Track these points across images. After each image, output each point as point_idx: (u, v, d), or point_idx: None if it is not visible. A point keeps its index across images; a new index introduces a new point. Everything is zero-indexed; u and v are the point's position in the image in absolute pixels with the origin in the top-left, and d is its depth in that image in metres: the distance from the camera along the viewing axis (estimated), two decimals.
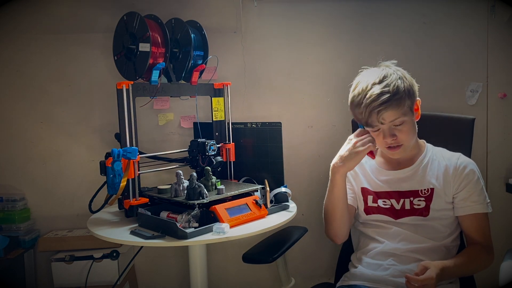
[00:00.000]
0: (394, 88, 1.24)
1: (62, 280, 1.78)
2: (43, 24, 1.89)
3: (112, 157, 1.39)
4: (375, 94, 1.23)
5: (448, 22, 1.90)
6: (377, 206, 1.38)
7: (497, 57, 1.88)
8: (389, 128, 1.27)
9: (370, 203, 1.39)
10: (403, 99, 1.25)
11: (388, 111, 1.24)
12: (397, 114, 1.25)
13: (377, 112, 1.24)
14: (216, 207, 1.35)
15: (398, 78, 1.26)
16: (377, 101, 1.23)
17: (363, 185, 1.42)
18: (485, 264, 1.32)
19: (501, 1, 1.85)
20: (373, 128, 1.29)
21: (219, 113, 1.75)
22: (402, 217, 1.34)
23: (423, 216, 1.32)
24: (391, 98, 1.23)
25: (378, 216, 1.38)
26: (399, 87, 1.24)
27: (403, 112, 1.25)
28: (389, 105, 1.23)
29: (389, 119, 1.25)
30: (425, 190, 1.33)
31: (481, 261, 1.31)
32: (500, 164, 1.91)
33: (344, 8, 1.91)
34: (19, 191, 1.93)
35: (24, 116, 1.93)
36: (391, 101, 1.23)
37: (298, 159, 1.94)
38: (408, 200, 1.34)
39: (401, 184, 1.36)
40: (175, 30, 1.64)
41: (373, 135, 1.31)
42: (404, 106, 1.25)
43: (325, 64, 1.94)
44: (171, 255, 2.00)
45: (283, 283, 1.64)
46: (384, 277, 1.29)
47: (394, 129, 1.27)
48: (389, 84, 1.24)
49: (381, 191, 1.38)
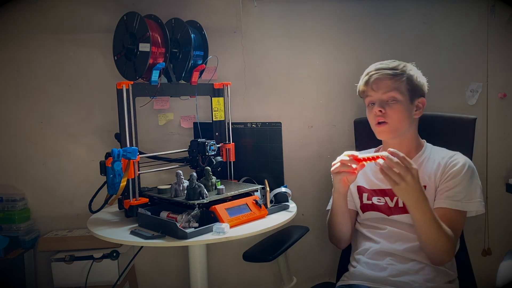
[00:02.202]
0: (397, 65, 1.36)
1: (62, 280, 1.78)
2: (43, 24, 1.89)
3: (112, 157, 1.39)
4: (378, 64, 1.39)
5: (448, 22, 1.90)
6: (371, 203, 1.40)
7: (497, 57, 1.88)
8: (380, 100, 1.34)
9: (365, 201, 1.42)
10: (401, 78, 1.34)
11: (383, 78, 1.34)
12: (390, 85, 1.33)
13: (373, 75, 1.35)
14: (216, 207, 1.36)
15: (407, 64, 1.38)
16: (377, 67, 1.38)
17: (359, 184, 1.44)
18: (447, 246, 1.24)
19: (501, 1, 1.85)
20: (367, 97, 1.38)
21: (219, 113, 1.75)
22: (395, 214, 1.35)
23: None
24: (390, 70, 1.34)
25: (372, 213, 1.40)
26: (401, 67, 1.36)
27: (397, 88, 1.33)
28: (385, 73, 1.34)
29: (382, 89, 1.34)
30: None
31: (448, 238, 1.23)
32: (500, 164, 1.91)
33: (344, 8, 1.91)
34: (19, 191, 1.93)
35: (24, 116, 1.93)
36: (388, 70, 1.35)
37: (298, 159, 1.94)
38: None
39: None
40: (175, 30, 1.64)
41: (368, 111, 1.39)
42: (401, 85, 1.33)
43: (325, 64, 1.94)
44: (171, 255, 2.00)
45: (284, 282, 1.64)
46: (383, 277, 1.29)
47: (386, 104, 1.34)
48: (391, 63, 1.38)
49: (376, 189, 1.41)
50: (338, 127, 1.93)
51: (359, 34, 1.92)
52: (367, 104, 1.40)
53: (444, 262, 1.29)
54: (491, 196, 1.89)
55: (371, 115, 1.38)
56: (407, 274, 1.28)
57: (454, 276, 1.35)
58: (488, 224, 1.90)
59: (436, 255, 1.27)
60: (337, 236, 1.47)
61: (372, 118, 1.38)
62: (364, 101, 1.43)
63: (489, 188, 1.89)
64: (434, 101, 1.50)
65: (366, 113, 1.46)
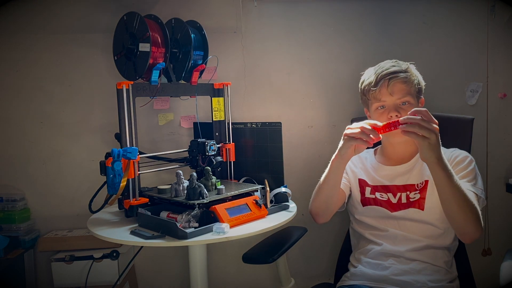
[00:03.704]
0: (406, 67, 1.36)
1: (62, 280, 1.78)
2: (43, 24, 1.89)
3: (112, 157, 1.39)
4: (389, 65, 1.36)
5: (448, 22, 1.90)
6: (374, 197, 1.40)
7: (497, 57, 1.88)
8: (394, 104, 1.33)
9: (367, 194, 1.42)
10: (413, 80, 1.34)
11: (398, 83, 1.32)
12: (405, 90, 1.32)
13: (388, 80, 1.31)
14: (216, 207, 1.35)
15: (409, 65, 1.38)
16: (390, 70, 1.34)
17: (360, 177, 1.45)
18: (476, 214, 1.20)
19: (501, 1, 1.85)
20: (379, 102, 1.34)
21: (219, 113, 1.75)
22: (399, 210, 1.35)
23: (420, 209, 1.33)
24: (403, 73, 1.33)
25: (375, 208, 1.39)
26: (410, 69, 1.37)
27: (410, 92, 1.33)
28: (400, 77, 1.32)
29: (398, 93, 1.32)
30: (420, 183, 1.36)
31: (474, 206, 1.20)
32: (500, 164, 1.91)
33: (344, 8, 1.91)
34: (19, 191, 1.93)
35: (24, 116, 1.93)
36: (402, 74, 1.33)
37: (298, 159, 1.94)
38: (404, 194, 1.36)
39: (399, 178, 1.39)
40: (175, 30, 1.64)
41: (377, 115, 1.35)
42: (412, 87, 1.33)
43: (325, 64, 1.94)
44: (171, 255, 2.00)
45: (282, 283, 1.64)
46: (385, 276, 1.29)
47: (399, 107, 1.32)
48: (401, 64, 1.37)
49: (379, 185, 1.41)
50: (338, 127, 1.93)
51: (359, 34, 1.92)
52: (376, 108, 1.37)
53: (477, 233, 1.22)
54: (491, 196, 1.89)
55: (382, 118, 1.34)
56: (409, 273, 1.28)
57: (455, 275, 1.35)
58: (488, 224, 1.90)
59: (469, 224, 1.20)
60: (320, 207, 1.43)
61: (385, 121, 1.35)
62: (368, 102, 1.40)
63: (489, 188, 1.89)
64: (434, 101, 1.50)
65: (364, 113, 1.46)
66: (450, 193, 1.18)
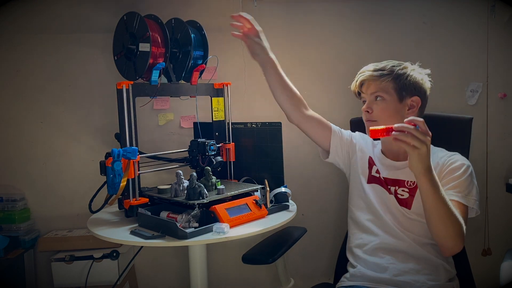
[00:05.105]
0: (382, 66, 1.39)
1: (62, 280, 1.78)
2: (43, 24, 1.90)
3: (112, 157, 1.39)
4: (370, 65, 1.42)
5: (448, 22, 1.90)
6: (379, 176, 1.43)
7: (497, 57, 1.88)
8: (369, 100, 1.39)
9: (373, 173, 1.44)
10: (387, 78, 1.37)
11: (368, 81, 1.39)
12: (375, 87, 1.37)
13: (359, 78, 1.41)
14: (216, 207, 1.35)
15: (397, 64, 1.39)
16: (363, 71, 1.42)
17: (371, 155, 1.48)
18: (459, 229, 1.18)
19: (501, 1, 1.85)
20: (360, 98, 1.44)
21: (219, 113, 1.75)
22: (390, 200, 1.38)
23: (407, 208, 1.34)
24: (375, 72, 1.38)
25: (377, 186, 1.41)
26: (389, 68, 1.38)
27: (383, 88, 1.37)
28: (371, 76, 1.38)
29: (369, 90, 1.39)
30: (411, 182, 1.36)
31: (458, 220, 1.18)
32: (500, 164, 1.91)
33: (344, 8, 1.91)
34: (19, 191, 1.93)
35: (23, 116, 1.93)
36: (373, 73, 1.38)
37: (298, 159, 1.94)
38: (393, 188, 1.38)
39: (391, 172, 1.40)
40: (175, 30, 1.64)
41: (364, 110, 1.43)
42: (387, 85, 1.36)
43: (325, 64, 1.94)
44: (171, 255, 2.00)
45: (282, 283, 1.64)
46: (384, 277, 1.29)
47: (373, 102, 1.38)
48: (381, 64, 1.41)
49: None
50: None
51: (359, 34, 1.92)
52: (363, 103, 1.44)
53: (456, 248, 1.22)
54: (491, 196, 1.89)
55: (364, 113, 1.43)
56: (408, 273, 1.28)
57: (454, 273, 1.35)
58: (488, 224, 1.90)
59: (448, 238, 1.20)
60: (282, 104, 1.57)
61: (364, 115, 1.42)
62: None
63: (489, 188, 1.89)
64: (434, 101, 1.50)
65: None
66: (433, 204, 1.18)
